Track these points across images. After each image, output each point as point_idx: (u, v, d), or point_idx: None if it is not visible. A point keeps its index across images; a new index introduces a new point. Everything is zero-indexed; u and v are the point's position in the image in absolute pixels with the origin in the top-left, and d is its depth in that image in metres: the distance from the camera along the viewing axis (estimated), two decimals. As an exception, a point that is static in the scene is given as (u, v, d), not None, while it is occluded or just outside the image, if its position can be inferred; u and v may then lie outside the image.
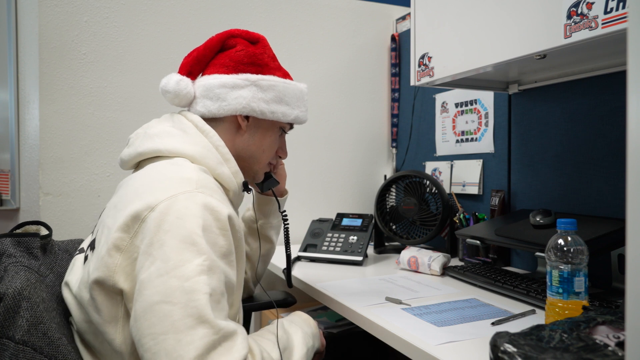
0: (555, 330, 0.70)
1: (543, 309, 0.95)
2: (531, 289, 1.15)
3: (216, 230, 0.81)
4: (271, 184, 1.16)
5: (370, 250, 1.84)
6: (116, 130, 1.75)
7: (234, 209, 1.02)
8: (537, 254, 1.32)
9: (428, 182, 1.75)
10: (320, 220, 1.82)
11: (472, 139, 1.78)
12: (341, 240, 1.69)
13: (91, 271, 0.82)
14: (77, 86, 1.70)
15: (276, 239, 1.31)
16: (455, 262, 1.63)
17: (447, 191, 1.85)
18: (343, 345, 1.60)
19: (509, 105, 1.62)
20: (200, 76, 1.05)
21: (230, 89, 0.99)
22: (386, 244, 1.91)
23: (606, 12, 0.87)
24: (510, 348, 0.67)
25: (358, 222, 1.76)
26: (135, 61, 1.78)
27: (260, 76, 1.01)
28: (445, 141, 1.92)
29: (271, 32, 2.00)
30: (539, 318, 1.02)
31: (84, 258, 0.90)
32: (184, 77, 1.00)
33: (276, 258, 1.56)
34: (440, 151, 1.95)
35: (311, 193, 2.10)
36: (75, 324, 0.87)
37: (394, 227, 1.82)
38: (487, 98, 1.71)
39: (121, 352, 0.82)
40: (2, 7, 1.77)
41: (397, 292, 1.24)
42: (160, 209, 0.79)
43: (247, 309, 1.30)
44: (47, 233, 0.99)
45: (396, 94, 2.24)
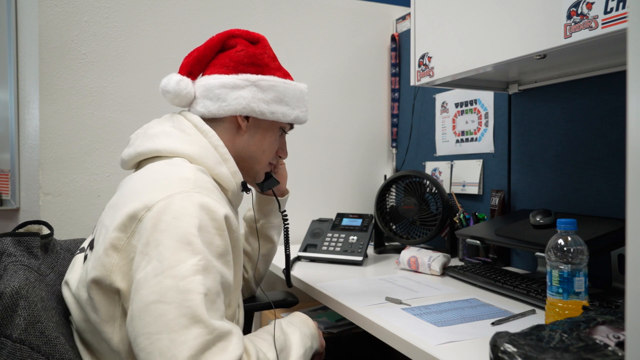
0: (555, 330, 0.70)
1: (543, 309, 0.95)
2: (531, 289, 1.15)
3: (212, 230, 0.81)
4: (271, 183, 1.16)
5: (370, 250, 1.84)
6: (116, 130, 1.75)
7: (233, 209, 1.02)
8: (537, 254, 1.32)
9: (428, 182, 1.75)
10: (320, 220, 1.82)
11: (472, 139, 1.78)
12: (341, 240, 1.69)
13: (89, 270, 0.83)
14: (77, 86, 1.70)
15: (278, 238, 1.31)
16: (455, 262, 1.63)
17: (447, 191, 1.85)
18: (344, 346, 1.60)
19: (509, 105, 1.62)
20: (201, 76, 1.05)
21: (230, 90, 0.99)
22: (386, 244, 1.91)
23: (606, 12, 0.87)
24: (510, 348, 0.67)
25: (358, 222, 1.76)
26: (135, 61, 1.78)
27: (260, 76, 1.01)
28: (445, 141, 1.92)
29: (271, 32, 2.00)
30: (539, 318, 1.02)
31: (84, 257, 0.91)
32: (184, 77, 1.01)
33: (276, 258, 1.56)
34: (440, 151, 1.95)
35: (311, 193, 2.10)
36: (75, 322, 0.87)
37: (394, 227, 1.82)
38: (487, 98, 1.71)
39: (118, 351, 0.82)
40: (2, 7, 1.77)
41: (397, 292, 1.24)
42: (157, 209, 0.79)
43: (249, 308, 1.29)
44: (48, 232, 0.99)
45: (396, 94, 2.24)
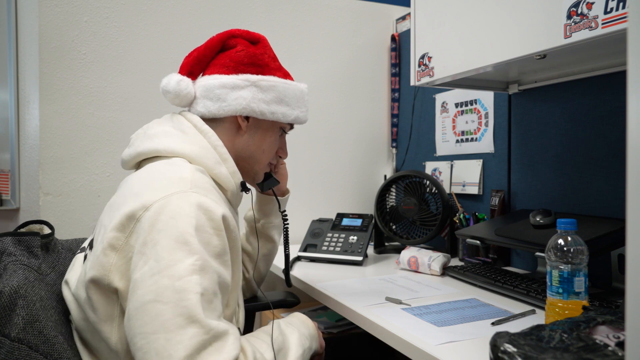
0: (555, 330, 0.70)
1: (543, 309, 0.95)
2: (531, 289, 1.15)
3: (210, 230, 0.81)
4: (271, 183, 1.16)
5: (370, 250, 1.84)
6: (116, 130, 1.75)
7: (232, 209, 1.02)
8: (537, 254, 1.32)
9: (428, 182, 1.75)
10: (320, 220, 1.82)
11: (472, 139, 1.78)
12: (341, 240, 1.69)
13: (87, 270, 0.83)
14: (77, 86, 1.70)
15: (279, 238, 1.31)
16: (455, 262, 1.63)
17: (447, 191, 1.85)
18: (344, 347, 1.60)
19: (509, 105, 1.62)
20: (201, 76, 1.05)
21: (231, 90, 0.99)
22: (386, 244, 1.91)
23: (606, 12, 0.87)
24: (510, 348, 0.67)
25: (358, 222, 1.76)
26: (135, 61, 1.78)
27: (260, 77, 1.01)
28: (445, 141, 1.92)
29: (271, 32, 2.00)
30: (539, 318, 1.02)
31: (84, 257, 0.91)
32: (185, 78, 1.00)
33: (276, 258, 1.56)
34: (440, 151, 1.95)
35: (311, 193, 2.10)
36: (74, 322, 0.88)
37: (394, 227, 1.82)
38: (487, 98, 1.71)
39: (117, 350, 0.82)
40: (2, 7, 1.77)
41: (397, 292, 1.24)
42: (155, 209, 0.79)
43: (251, 309, 1.29)
44: (49, 232, 0.99)
45: (396, 94, 2.24)
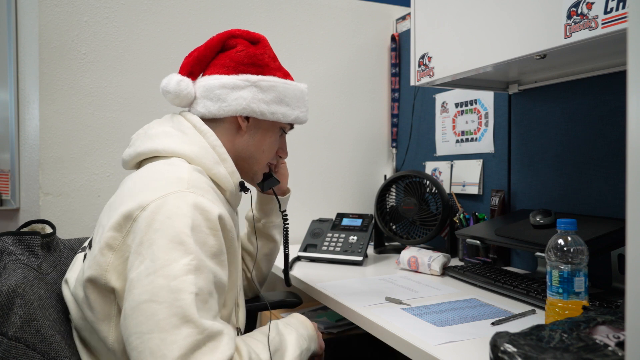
0: (555, 330, 0.70)
1: (543, 309, 0.95)
2: (531, 289, 1.15)
3: (206, 230, 0.81)
4: (271, 183, 1.16)
5: (370, 250, 1.84)
6: (116, 130, 1.75)
7: (231, 209, 1.02)
8: (537, 254, 1.32)
9: (428, 182, 1.75)
10: (320, 220, 1.82)
11: (472, 139, 1.78)
12: (341, 240, 1.69)
13: (85, 269, 0.83)
14: (77, 86, 1.70)
15: (280, 238, 1.30)
16: (455, 262, 1.63)
17: (447, 191, 1.85)
18: (345, 348, 1.60)
19: (509, 105, 1.62)
20: (201, 76, 1.04)
21: (231, 90, 0.99)
22: (386, 244, 1.91)
23: (606, 12, 0.87)
24: (510, 348, 0.67)
25: (358, 222, 1.76)
26: (135, 61, 1.78)
27: (260, 77, 1.01)
28: (445, 141, 1.92)
29: (271, 32, 2.00)
30: (539, 318, 1.02)
31: (84, 256, 0.91)
32: (185, 78, 1.00)
33: (276, 258, 1.56)
34: (440, 151, 1.95)
35: (311, 193, 2.10)
36: (73, 321, 0.88)
37: (394, 227, 1.82)
38: (487, 98, 1.71)
39: (114, 350, 0.83)
40: (2, 7, 1.77)
41: (397, 292, 1.24)
42: (151, 209, 0.79)
43: (252, 309, 1.29)
44: (51, 232, 0.99)
45: (396, 94, 2.24)
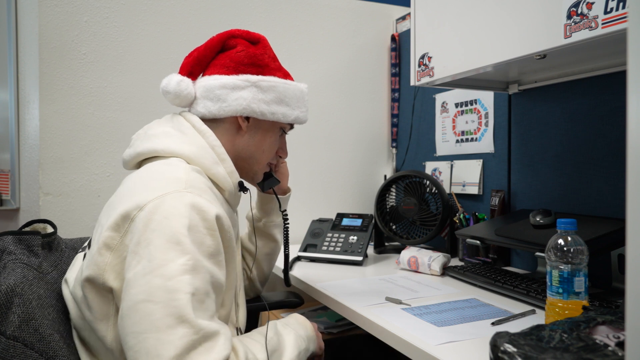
0: (555, 330, 0.70)
1: (543, 309, 0.95)
2: (531, 289, 1.15)
3: (203, 230, 0.81)
4: (272, 183, 1.16)
5: (370, 250, 1.84)
6: (116, 130, 1.75)
7: (230, 209, 1.02)
8: (537, 254, 1.31)
9: (428, 182, 1.75)
10: (320, 220, 1.82)
11: (472, 139, 1.78)
12: (341, 240, 1.69)
13: (84, 269, 0.83)
14: (77, 86, 1.70)
15: (281, 237, 1.30)
16: (455, 262, 1.63)
17: (447, 191, 1.85)
18: (346, 349, 1.59)
19: (509, 105, 1.62)
20: (201, 76, 1.04)
21: (231, 90, 0.99)
22: (386, 244, 1.91)
23: (606, 12, 0.87)
24: (510, 348, 0.67)
25: (358, 222, 1.76)
26: (135, 61, 1.78)
27: (260, 77, 1.01)
28: (445, 141, 1.92)
29: (271, 32, 2.00)
30: (539, 318, 1.02)
31: (84, 256, 0.91)
32: (185, 78, 1.00)
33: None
34: (440, 151, 1.95)
35: (311, 193, 2.10)
36: (73, 320, 0.88)
37: (394, 227, 1.82)
38: (487, 98, 1.71)
39: (112, 349, 0.83)
40: (2, 7, 1.77)
41: (397, 292, 1.24)
42: (149, 209, 0.80)
43: (254, 309, 1.29)
44: (52, 231, 0.99)
45: (396, 94, 2.24)
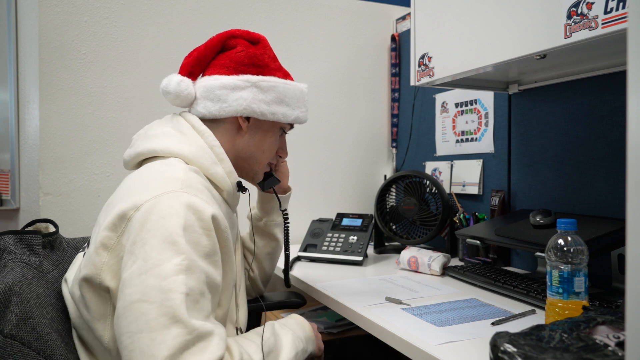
0: (555, 330, 0.70)
1: (543, 309, 0.95)
2: (531, 289, 1.15)
3: (199, 230, 0.81)
4: (272, 182, 1.16)
5: (370, 250, 1.84)
6: (116, 130, 1.75)
7: (229, 209, 1.01)
8: (537, 254, 1.32)
9: (428, 182, 1.75)
10: (320, 220, 1.82)
11: (472, 139, 1.78)
12: (341, 240, 1.69)
13: (81, 268, 0.84)
14: (77, 86, 1.70)
15: (281, 236, 1.30)
16: (455, 262, 1.63)
17: (447, 191, 1.85)
18: (347, 350, 1.59)
19: (509, 105, 1.62)
20: (201, 77, 1.04)
21: (231, 90, 0.99)
22: (386, 244, 1.91)
23: (606, 12, 0.87)
24: (510, 348, 0.67)
25: (358, 222, 1.76)
26: (135, 61, 1.78)
27: (260, 77, 1.01)
28: (445, 141, 1.92)
29: (271, 32, 2.00)
30: (539, 318, 1.02)
31: (83, 255, 0.91)
32: (185, 78, 1.00)
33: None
34: (440, 151, 1.95)
35: (311, 193, 2.10)
36: (72, 319, 0.88)
37: (394, 227, 1.82)
38: (487, 98, 1.71)
39: (109, 349, 0.83)
40: (2, 7, 1.77)
41: (397, 292, 1.24)
42: (145, 209, 0.80)
43: (256, 309, 1.28)
44: (54, 230, 1.00)
45: (396, 94, 2.24)
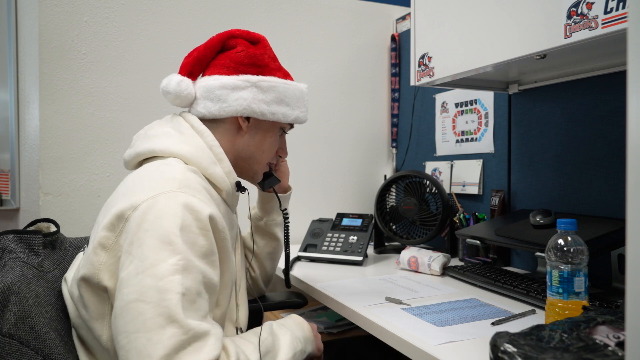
0: (555, 330, 0.70)
1: (543, 309, 0.95)
2: (531, 289, 1.15)
3: (196, 230, 0.81)
4: (272, 182, 1.16)
5: (370, 250, 1.84)
6: (116, 130, 1.75)
7: (228, 209, 1.01)
8: (537, 254, 1.32)
9: (428, 182, 1.75)
10: (320, 220, 1.82)
11: (472, 139, 1.78)
12: (341, 240, 1.69)
13: (80, 268, 0.84)
14: (77, 86, 1.70)
15: (282, 236, 1.30)
16: (455, 262, 1.63)
17: (447, 191, 1.85)
18: (348, 351, 1.59)
19: (509, 105, 1.62)
20: (201, 77, 1.04)
21: (231, 90, 0.99)
22: (386, 244, 1.91)
23: (606, 12, 0.87)
24: (510, 348, 0.67)
25: (358, 222, 1.76)
26: (135, 61, 1.78)
27: (260, 77, 1.01)
28: (445, 141, 1.92)
29: (271, 32, 2.00)
30: (539, 318, 1.02)
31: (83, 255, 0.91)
32: (185, 78, 1.00)
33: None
34: (440, 151, 1.95)
35: (311, 193, 2.10)
36: (71, 319, 0.89)
37: (394, 227, 1.82)
38: (487, 98, 1.71)
39: (107, 348, 0.83)
40: (2, 7, 1.77)
41: (397, 292, 1.24)
42: (142, 209, 0.80)
43: (257, 309, 1.28)
44: (54, 230, 1.00)
45: (396, 94, 2.24)
